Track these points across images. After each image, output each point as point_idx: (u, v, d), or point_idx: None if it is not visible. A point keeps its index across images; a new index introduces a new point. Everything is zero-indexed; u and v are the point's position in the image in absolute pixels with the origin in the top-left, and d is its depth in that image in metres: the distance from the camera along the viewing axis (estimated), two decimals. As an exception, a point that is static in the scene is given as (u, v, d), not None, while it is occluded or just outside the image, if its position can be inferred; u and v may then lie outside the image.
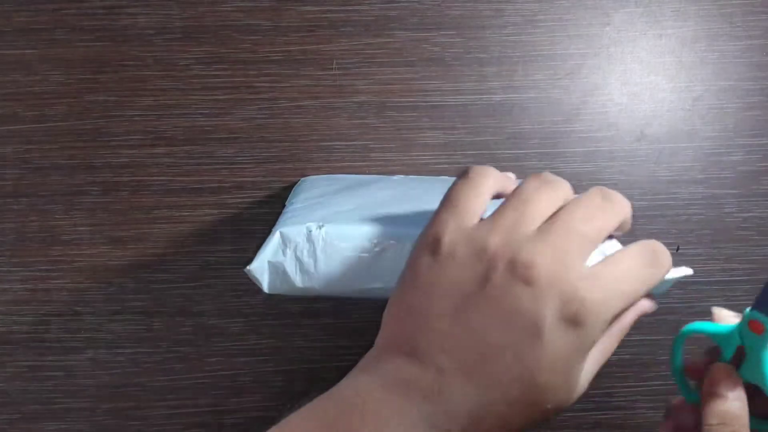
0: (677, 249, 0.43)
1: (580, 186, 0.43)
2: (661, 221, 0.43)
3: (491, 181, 0.31)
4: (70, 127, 0.43)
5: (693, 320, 0.41)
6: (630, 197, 0.43)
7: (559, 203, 0.30)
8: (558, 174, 0.43)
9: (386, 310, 0.30)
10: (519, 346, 0.27)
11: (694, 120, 0.44)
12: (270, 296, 0.43)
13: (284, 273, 0.34)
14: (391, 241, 0.34)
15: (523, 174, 0.43)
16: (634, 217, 0.43)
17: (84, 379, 0.42)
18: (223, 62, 0.44)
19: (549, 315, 0.27)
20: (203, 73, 0.44)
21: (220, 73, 0.43)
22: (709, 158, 0.43)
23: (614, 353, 0.42)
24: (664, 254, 0.30)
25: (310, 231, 0.34)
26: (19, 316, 0.42)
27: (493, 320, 0.27)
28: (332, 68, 0.43)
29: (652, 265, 0.29)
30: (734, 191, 0.43)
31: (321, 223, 0.34)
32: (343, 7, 0.44)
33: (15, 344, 0.42)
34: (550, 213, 0.29)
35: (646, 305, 0.31)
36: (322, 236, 0.34)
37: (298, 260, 0.34)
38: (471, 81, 0.44)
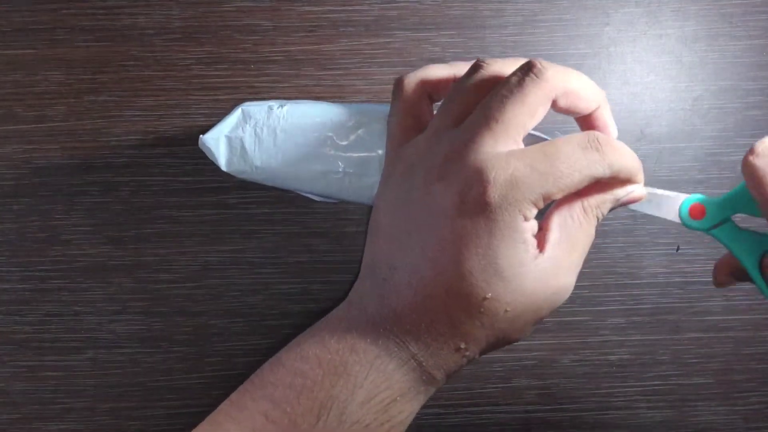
0: (677, 249, 0.43)
1: (580, 186, 0.43)
2: (661, 221, 0.43)
3: (410, 93, 0.31)
4: (70, 127, 0.43)
5: (693, 321, 0.41)
6: (630, 197, 0.43)
7: (484, 92, 0.29)
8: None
9: None
10: (437, 240, 0.27)
11: (694, 120, 0.44)
12: (269, 296, 0.43)
13: (242, 149, 0.34)
14: (352, 118, 0.34)
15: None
16: (634, 217, 0.43)
17: (84, 379, 0.42)
18: (224, 62, 0.44)
19: (456, 201, 0.27)
20: (203, 73, 0.44)
21: (221, 73, 0.44)
22: (709, 158, 0.43)
23: (614, 353, 0.43)
24: (607, 143, 0.28)
25: (272, 108, 0.35)
26: (19, 316, 0.42)
27: (416, 223, 0.28)
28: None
29: (590, 149, 0.28)
30: (734, 191, 0.43)
31: (283, 103, 0.35)
32: (343, 7, 0.44)
33: (15, 344, 0.42)
34: (474, 105, 0.29)
35: (623, 190, 0.30)
36: (283, 114, 0.35)
37: (257, 137, 0.34)
38: (471, 81, 0.44)
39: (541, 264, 0.28)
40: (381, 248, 0.30)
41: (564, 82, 0.28)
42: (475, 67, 0.30)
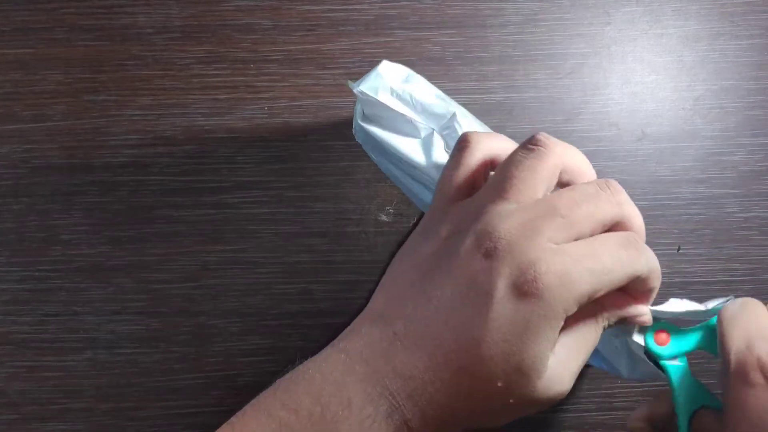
0: (678, 249, 0.43)
1: (580, 186, 0.43)
2: (662, 221, 0.43)
3: (477, 154, 0.31)
4: (69, 126, 0.43)
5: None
6: (631, 197, 0.43)
7: (548, 177, 0.29)
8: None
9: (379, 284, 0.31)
10: (468, 315, 0.27)
11: (695, 119, 0.44)
12: (269, 296, 0.42)
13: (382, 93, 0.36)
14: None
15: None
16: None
17: (83, 379, 0.42)
18: (223, 61, 0.43)
19: (501, 285, 0.26)
20: (203, 72, 0.43)
21: (220, 73, 0.43)
22: (711, 158, 0.43)
23: (615, 353, 0.42)
24: (644, 245, 0.29)
25: (409, 73, 0.38)
26: (17, 316, 0.42)
27: (449, 290, 0.27)
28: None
29: (628, 246, 0.28)
30: (735, 191, 0.43)
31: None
32: (343, 6, 0.44)
33: (14, 344, 0.42)
34: (534, 189, 0.28)
35: (638, 309, 0.30)
36: (416, 79, 0.38)
37: (394, 91, 0.36)
38: (471, 80, 0.44)
39: (552, 364, 0.28)
40: (401, 300, 0.29)
41: (631, 213, 0.29)
42: (534, 149, 0.29)
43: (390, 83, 0.36)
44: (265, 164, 0.43)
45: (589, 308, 0.29)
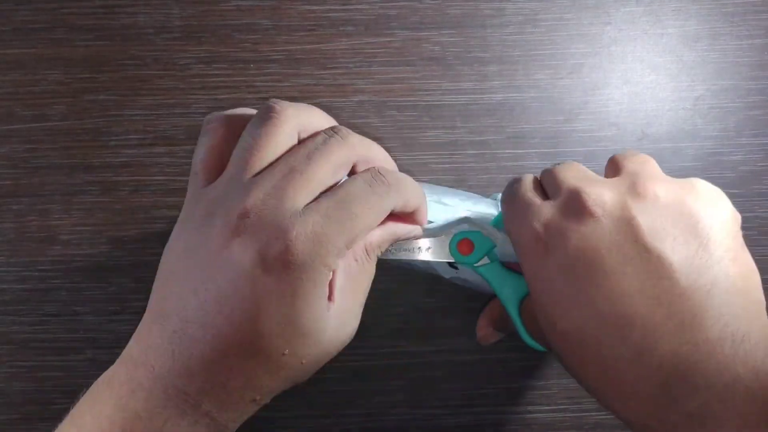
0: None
1: (581, 185, 0.43)
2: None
3: (219, 131, 0.30)
4: (69, 126, 0.43)
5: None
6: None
7: (286, 141, 0.29)
8: (559, 173, 0.43)
9: None
10: (236, 300, 0.27)
11: (695, 119, 0.44)
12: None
13: None
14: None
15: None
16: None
17: (83, 379, 0.42)
18: (223, 61, 0.43)
19: (258, 260, 0.26)
20: (203, 72, 0.43)
21: (220, 73, 0.43)
22: (710, 158, 0.43)
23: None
24: (391, 174, 0.29)
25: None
26: (17, 316, 0.42)
27: (214, 278, 0.27)
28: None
29: (374, 184, 0.28)
30: (735, 191, 0.43)
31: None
32: (343, 6, 0.44)
33: (14, 344, 0.42)
34: (274, 155, 0.28)
35: (405, 229, 0.31)
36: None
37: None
38: (472, 80, 0.44)
39: (334, 314, 0.28)
40: (172, 296, 0.28)
41: (366, 150, 0.30)
42: (267, 116, 0.29)
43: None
44: (266, 164, 0.43)
45: (356, 247, 0.29)
